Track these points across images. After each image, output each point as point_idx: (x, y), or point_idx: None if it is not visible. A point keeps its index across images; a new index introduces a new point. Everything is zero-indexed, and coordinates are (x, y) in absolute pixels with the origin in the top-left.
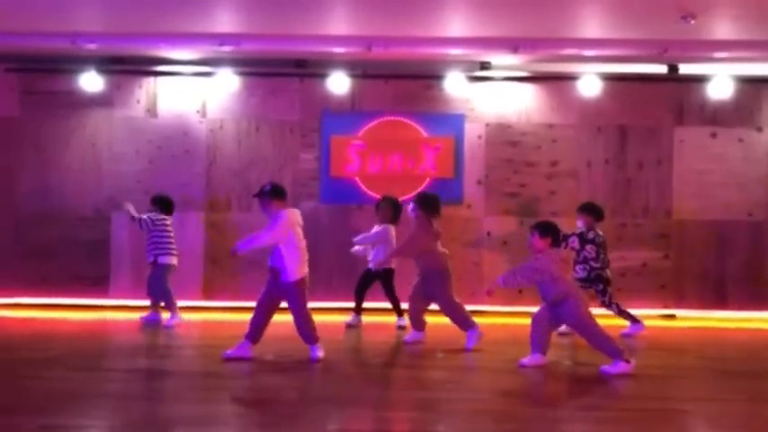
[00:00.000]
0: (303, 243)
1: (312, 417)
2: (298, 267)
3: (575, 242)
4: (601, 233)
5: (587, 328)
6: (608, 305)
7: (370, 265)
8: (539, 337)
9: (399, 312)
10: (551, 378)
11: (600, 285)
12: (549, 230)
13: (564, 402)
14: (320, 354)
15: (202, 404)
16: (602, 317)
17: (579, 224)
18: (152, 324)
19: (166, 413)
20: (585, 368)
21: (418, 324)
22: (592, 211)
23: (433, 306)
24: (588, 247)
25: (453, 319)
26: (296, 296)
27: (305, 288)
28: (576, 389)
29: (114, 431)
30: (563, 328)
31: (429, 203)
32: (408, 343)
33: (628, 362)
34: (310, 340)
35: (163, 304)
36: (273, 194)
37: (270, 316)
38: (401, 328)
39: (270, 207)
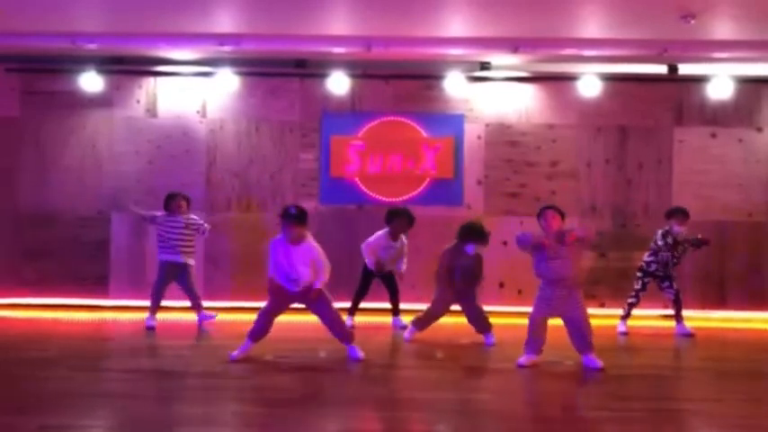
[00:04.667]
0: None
1: (312, 417)
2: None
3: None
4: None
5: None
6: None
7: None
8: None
9: (398, 311)
10: (552, 378)
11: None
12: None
13: (564, 402)
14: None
15: (202, 404)
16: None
17: (679, 229)
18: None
19: (166, 413)
20: (585, 368)
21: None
22: (683, 214)
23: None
24: (678, 248)
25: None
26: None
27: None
28: (577, 389)
29: (114, 431)
30: (622, 328)
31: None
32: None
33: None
34: (348, 339)
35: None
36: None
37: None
38: (403, 328)
39: (294, 231)
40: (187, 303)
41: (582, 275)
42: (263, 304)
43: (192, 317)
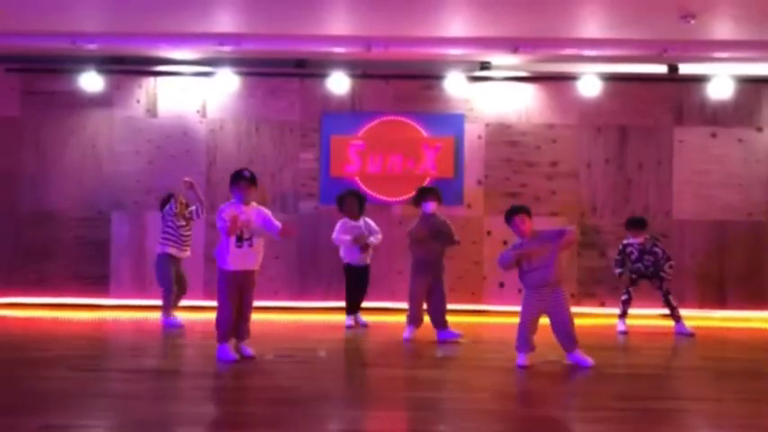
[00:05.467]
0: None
1: (312, 417)
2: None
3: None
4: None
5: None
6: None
7: (353, 262)
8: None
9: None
10: (551, 378)
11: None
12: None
13: (564, 402)
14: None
15: (202, 404)
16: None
17: (635, 241)
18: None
19: (166, 413)
20: (584, 368)
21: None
22: (644, 226)
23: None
24: (646, 257)
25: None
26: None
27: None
28: (576, 389)
29: (114, 431)
30: (621, 327)
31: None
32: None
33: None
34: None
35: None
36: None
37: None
38: (352, 327)
39: (251, 192)
40: (186, 303)
41: (563, 273)
42: (264, 304)
43: (189, 316)
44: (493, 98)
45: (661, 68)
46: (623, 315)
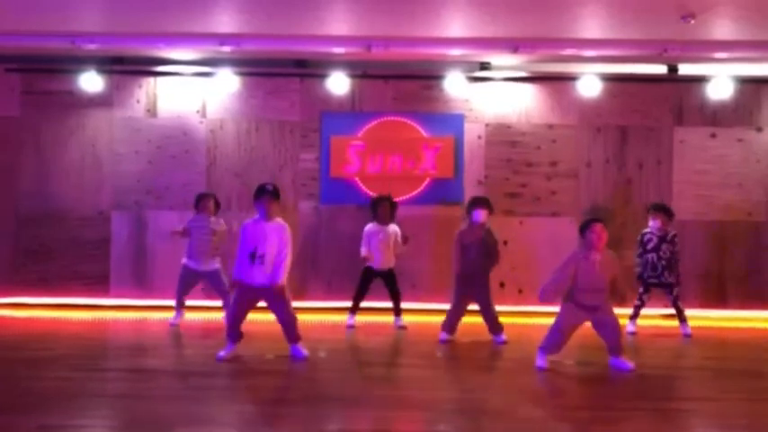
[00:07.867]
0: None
1: (312, 417)
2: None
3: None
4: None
5: None
6: (642, 301)
7: (375, 266)
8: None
9: (399, 311)
10: (552, 378)
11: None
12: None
13: (564, 402)
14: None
15: (202, 404)
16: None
17: (654, 224)
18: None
19: (166, 413)
20: (586, 368)
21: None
22: (666, 211)
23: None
24: (664, 246)
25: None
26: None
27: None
28: (577, 389)
29: (114, 431)
30: (631, 327)
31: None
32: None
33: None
34: (295, 340)
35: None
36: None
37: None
38: (402, 328)
39: (273, 207)
40: (187, 303)
41: None
42: (264, 304)
43: (189, 316)
44: (493, 98)
45: (661, 69)
46: (634, 317)
